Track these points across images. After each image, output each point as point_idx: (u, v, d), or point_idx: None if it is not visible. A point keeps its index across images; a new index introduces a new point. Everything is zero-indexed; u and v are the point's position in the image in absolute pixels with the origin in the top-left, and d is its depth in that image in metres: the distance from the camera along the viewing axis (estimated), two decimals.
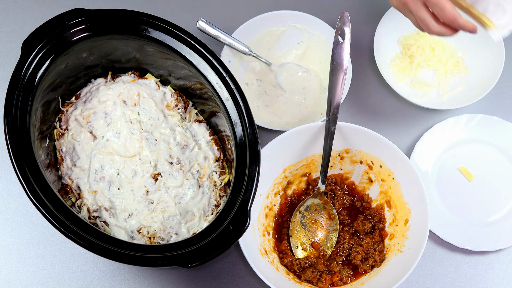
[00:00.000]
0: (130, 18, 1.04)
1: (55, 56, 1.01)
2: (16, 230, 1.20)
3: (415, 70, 1.30)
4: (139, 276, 1.18)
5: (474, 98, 1.23)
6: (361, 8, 1.38)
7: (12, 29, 1.33)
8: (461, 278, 1.20)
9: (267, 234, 1.17)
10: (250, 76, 1.31)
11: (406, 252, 1.11)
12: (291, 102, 1.28)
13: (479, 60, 1.30)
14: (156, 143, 1.13)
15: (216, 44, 1.26)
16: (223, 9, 1.37)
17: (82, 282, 1.17)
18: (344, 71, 1.13)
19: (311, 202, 1.18)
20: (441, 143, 1.27)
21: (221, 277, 1.19)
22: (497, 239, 1.20)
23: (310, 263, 1.15)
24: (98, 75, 1.16)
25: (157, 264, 0.92)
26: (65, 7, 1.04)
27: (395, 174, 1.16)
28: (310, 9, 1.35)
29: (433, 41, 1.31)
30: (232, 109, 1.03)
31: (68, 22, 1.01)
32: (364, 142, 1.16)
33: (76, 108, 1.12)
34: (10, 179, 1.23)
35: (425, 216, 1.10)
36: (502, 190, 1.25)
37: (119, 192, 1.10)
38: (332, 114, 1.12)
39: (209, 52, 1.05)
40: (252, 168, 0.99)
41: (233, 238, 0.95)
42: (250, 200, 0.97)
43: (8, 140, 0.94)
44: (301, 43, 1.31)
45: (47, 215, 0.92)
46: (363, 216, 1.19)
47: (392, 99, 1.32)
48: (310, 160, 1.20)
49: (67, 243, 1.19)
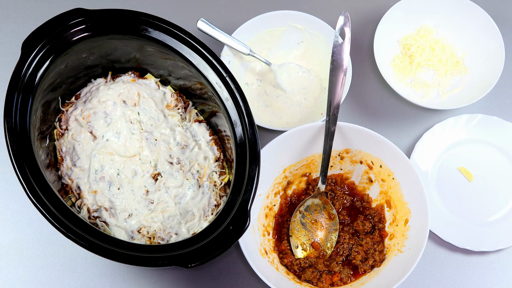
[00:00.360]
0: (130, 18, 1.04)
1: (55, 56, 1.00)
2: (16, 230, 1.20)
3: (415, 70, 1.30)
4: (139, 276, 1.18)
5: (474, 98, 1.23)
6: (361, 8, 1.38)
7: (12, 29, 1.33)
8: (461, 278, 1.20)
9: (267, 234, 1.17)
10: (250, 76, 1.31)
11: (406, 252, 1.11)
12: (291, 102, 1.28)
13: (479, 60, 1.30)
14: (156, 143, 1.13)
15: (216, 44, 1.26)
16: (223, 9, 1.37)
17: (82, 282, 1.18)
18: (344, 71, 1.13)
19: (311, 202, 1.18)
20: (441, 143, 1.27)
21: (221, 277, 1.19)
22: (497, 239, 1.20)
23: (310, 263, 1.15)
24: (98, 75, 1.16)
25: (157, 264, 0.92)
26: (65, 7, 1.05)
27: (395, 174, 1.16)
28: (310, 9, 1.35)
29: (433, 41, 1.31)
30: (232, 109, 1.03)
31: (68, 22, 1.01)
32: (364, 142, 1.16)
33: (76, 108, 1.12)
34: (10, 179, 1.23)
35: (425, 216, 1.10)
36: (502, 190, 1.25)
37: (119, 192, 1.10)
38: (332, 114, 1.12)
39: (209, 52, 1.05)
40: (252, 168, 0.99)
41: (233, 238, 0.95)
42: (250, 200, 0.97)
43: (8, 140, 0.94)
44: (301, 43, 1.31)
45: (47, 215, 0.92)
46: (363, 216, 1.19)
47: (392, 99, 1.32)
48: (310, 160, 1.20)
49: (67, 243, 1.19)
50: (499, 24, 1.31)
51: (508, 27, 1.37)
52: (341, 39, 1.14)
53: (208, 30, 1.24)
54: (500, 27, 1.30)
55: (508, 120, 1.29)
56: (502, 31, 1.29)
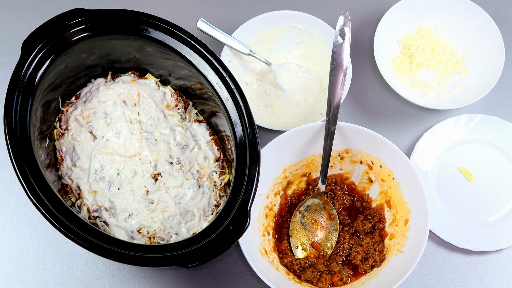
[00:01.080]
0: (130, 18, 1.04)
1: (55, 56, 1.00)
2: (16, 230, 1.20)
3: (415, 70, 1.30)
4: (139, 276, 1.18)
5: (474, 98, 1.23)
6: (361, 8, 1.38)
7: (12, 29, 1.33)
8: (461, 278, 1.20)
9: (267, 234, 1.17)
10: (250, 76, 1.31)
11: (406, 252, 1.11)
12: (291, 102, 1.28)
13: (479, 60, 1.30)
14: (156, 143, 1.13)
15: (216, 44, 1.26)
16: (223, 9, 1.37)
17: (82, 282, 1.18)
18: (344, 71, 1.13)
19: (311, 202, 1.18)
20: (441, 143, 1.27)
21: (221, 277, 1.19)
22: (497, 239, 1.20)
23: (310, 263, 1.15)
24: (98, 75, 1.16)
25: (157, 264, 0.92)
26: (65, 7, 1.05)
27: (395, 174, 1.16)
28: (310, 9, 1.35)
29: (433, 41, 1.31)
30: (232, 109, 1.03)
31: (68, 22, 1.01)
32: (364, 142, 1.16)
33: (76, 108, 1.12)
34: (10, 179, 1.23)
35: (425, 216, 1.10)
36: (502, 190, 1.25)
37: (119, 192, 1.10)
38: (332, 114, 1.12)
39: (209, 52, 1.04)
40: (252, 168, 0.99)
41: (233, 238, 0.95)
42: (250, 200, 0.97)
43: (8, 140, 0.94)
44: (301, 43, 1.31)
45: (47, 215, 0.92)
46: (363, 216, 1.19)
47: (392, 99, 1.32)
48: (310, 160, 1.20)
49: (67, 243, 1.19)
50: (499, 24, 1.31)
51: (508, 27, 1.37)
52: (341, 39, 1.14)
53: (208, 30, 1.24)
54: (500, 27, 1.30)
55: (508, 120, 1.29)
56: (502, 31, 1.29)
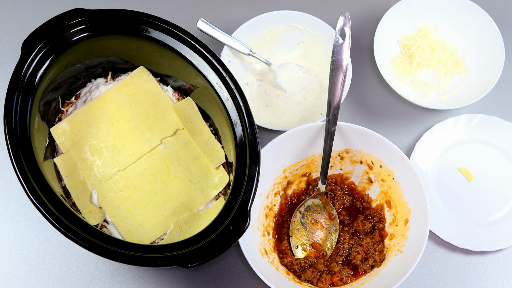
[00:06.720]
0: (130, 18, 1.04)
1: (55, 56, 1.01)
2: (16, 230, 1.20)
3: (415, 70, 1.30)
4: (139, 276, 1.18)
5: (474, 98, 1.23)
6: (361, 8, 1.38)
7: (12, 29, 1.33)
8: (461, 278, 1.20)
9: (267, 234, 1.17)
10: (250, 76, 1.31)
11: (406, 252, 1.11)
12: (291, 102, 1.28)
13: (479, 60, 1.30)
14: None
15: (216, 44, 1.26)
16: (223, 9, 1.37)
17: (82, 282, 1.18)
18: (344, 71, 1.13)
19: (311, 202, 1.18)
20: (441, 143, 1.27)
21: (221, 277, 1.19)
22: (497, 239, 1.20)
23: (310, 263, 1.15)
24: (98, 75, 1.16)
25: (157, 264, 0.92)
26: (65, 7, 1.05)
27: (395, 174, 1.16)
28: (310, 9, 1.35)
29: (433, 41, 1.31)
30: (232, 109, 1.03)
31: (68, 22, 1.01)
32: (364, 142, 1.16)
33: (76, 108, 1.12)
34: (10, 179, 1.23)
35: (425, 216, 1.10)
36: (502, 190, 1.25)
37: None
38: (332, 114, 1.12)
39: (209, 52, 1.05)
40: (252, 168, 0.99)
41: (233, 238, 0.95)
42: (250, 200, 0.97)
43: (8, 140, 0.94)
44: (301, 43, 1.31)
45: (47, 215, 0.92)
46: (363, 216, 1.19)
47: (392, 99, 1.32)
48: (310, 160, 1.20)
49: (67, 243, 1.19)
50: (499, 24, 1.31)
51: (508, 27, 1.37)
52: (341, 39, 1.14)
53: (208, 30, 1.24)
54: (500, 27, 1.30)
55: (508, 120, 1.29)
56: (502, 31, 1.29)
